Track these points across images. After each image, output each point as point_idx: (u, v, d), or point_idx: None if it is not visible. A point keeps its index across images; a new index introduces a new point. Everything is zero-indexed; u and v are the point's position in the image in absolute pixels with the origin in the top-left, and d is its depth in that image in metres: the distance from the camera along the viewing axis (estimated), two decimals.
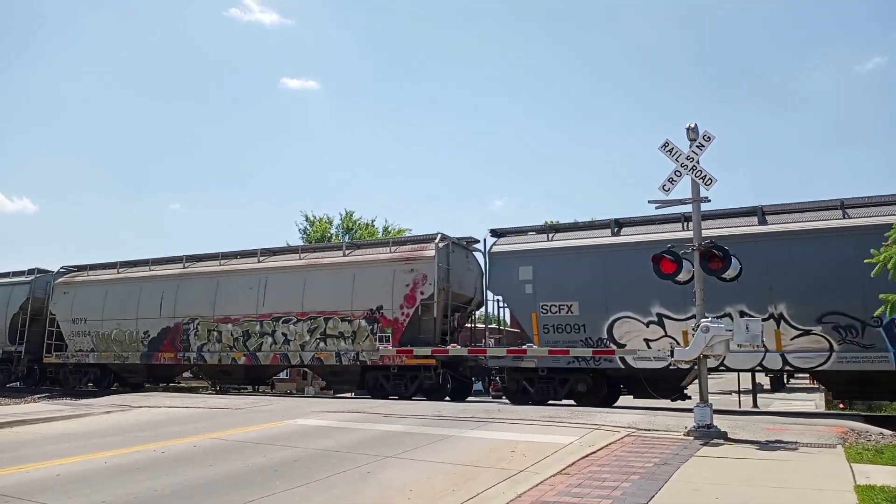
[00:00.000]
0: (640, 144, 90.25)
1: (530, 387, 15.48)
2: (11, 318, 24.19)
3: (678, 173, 9.78)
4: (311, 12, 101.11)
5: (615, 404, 15.39)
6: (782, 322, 13.28)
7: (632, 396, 15.53)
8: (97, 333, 22.30)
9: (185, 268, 21.72)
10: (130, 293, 21.97)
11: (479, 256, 18.69)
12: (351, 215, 40.13)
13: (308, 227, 39.61)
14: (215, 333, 19.94)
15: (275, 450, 8.31)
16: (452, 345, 16.92)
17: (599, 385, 15.15)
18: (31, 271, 25.17)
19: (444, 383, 17.10)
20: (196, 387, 26.74)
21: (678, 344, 13.48)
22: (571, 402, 15.14)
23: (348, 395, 20.66)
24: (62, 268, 24.89)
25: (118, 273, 22.98)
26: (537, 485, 6.14)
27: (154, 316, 21.23)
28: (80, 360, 22.80)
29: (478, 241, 18.63)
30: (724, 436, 8.87)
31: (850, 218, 13.41)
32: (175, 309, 20.91)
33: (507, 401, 16.44)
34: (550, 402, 15.27)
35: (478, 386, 25.88)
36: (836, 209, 13.76)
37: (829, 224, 13.46)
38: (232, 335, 19.64)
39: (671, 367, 12.29)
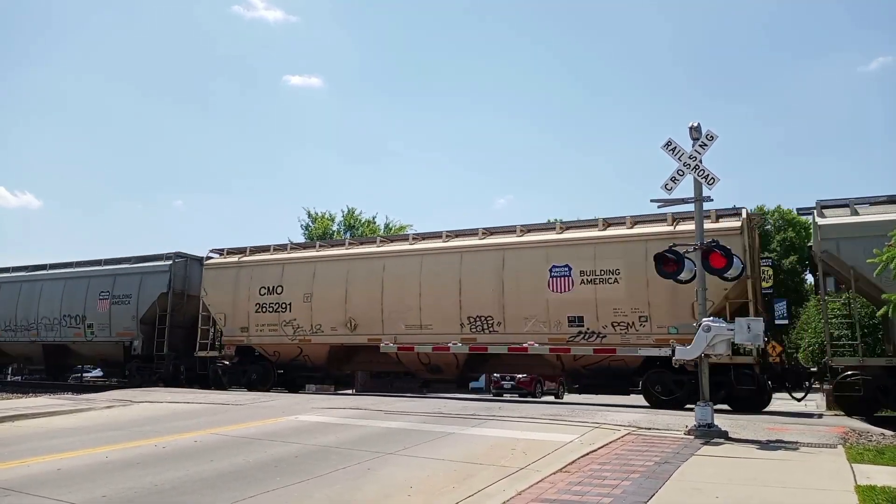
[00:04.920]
0: (645, 143, 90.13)
1: None
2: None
3: (681, 172, 9.78)
4: (316, 10, 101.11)
5: (615, 403, 15.39)
6: None
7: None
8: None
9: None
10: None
11: None
12: (353, 212, 40.19)
13: (310, 223, 39.67)
14: None
15: (276, 446, 8.32)
16: None
17: None
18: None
19: None
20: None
21: None
22: None
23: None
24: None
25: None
26: (537, 482, 6.14)
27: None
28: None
29: None
30: (724, 435, 8.88)
31: None
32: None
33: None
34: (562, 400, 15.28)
35: (477, 384, 25.59)
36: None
37: None
38: None
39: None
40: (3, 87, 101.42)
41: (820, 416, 14.61)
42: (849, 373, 13.59)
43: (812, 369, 15.49)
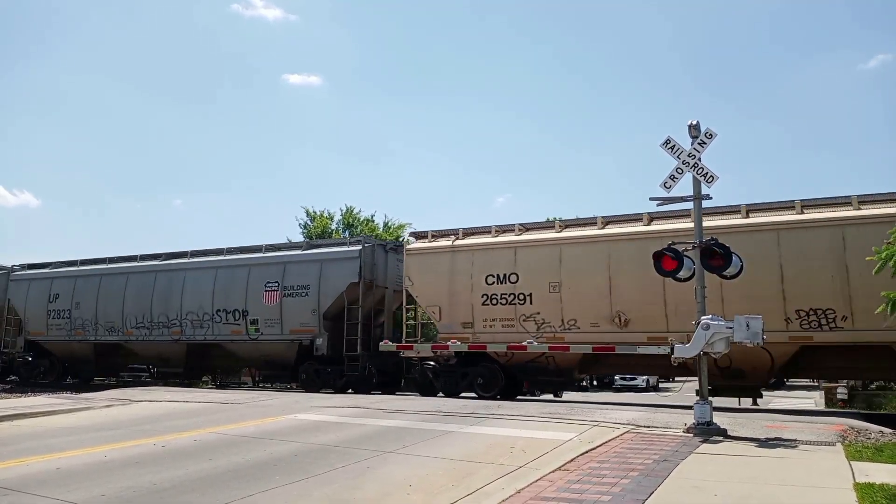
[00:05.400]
0: (645, 142, 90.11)
1: None
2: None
3: (680, 170, 9.78)
4: (316, 8, 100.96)
5: (615, 401, 15.40)
6: None
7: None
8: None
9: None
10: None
11: None
12: (352, 211, 40.14)
13: (309, 222, 39.62)
14: None
15: (274, 444, 8.32)
16: None
17: None
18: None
19: None
20: None
21: None
22: None
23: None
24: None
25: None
26: (536, 481, 6.14)
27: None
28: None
29: None
30: (723, 433, 8.89)
31: None
32: None
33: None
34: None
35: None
36: None
37: None
38: None
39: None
40: (2, 85, 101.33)
41: (819, 413, 14.63)
42: None
43: None
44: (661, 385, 31.65)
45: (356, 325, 18.00)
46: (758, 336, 8.96)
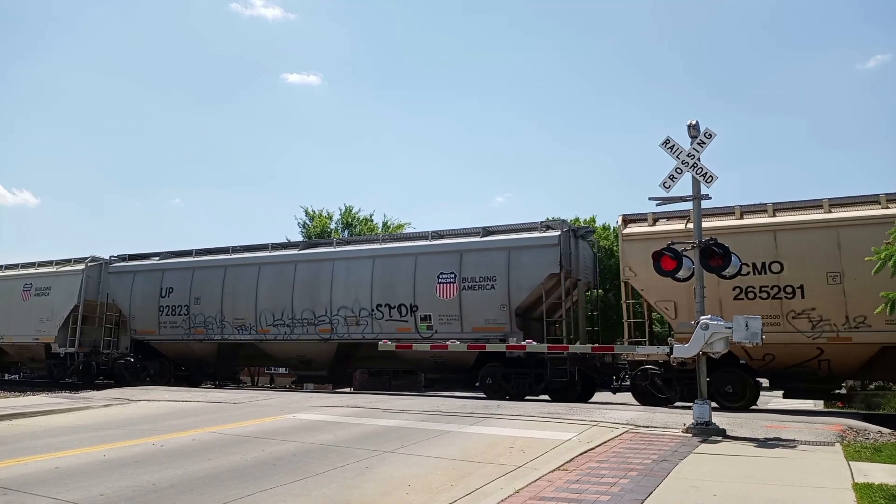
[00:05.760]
0: (642, 143, 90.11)
1: None
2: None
3: (679, 170, 9.78)
4: (315, 7, 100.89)
5: (615, 402, 15.39)
6: None
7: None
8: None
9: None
10: None
11: None
12: (350, 210, 40.11)
13: (308, 221, 39.60)
14: None
15: (273, 444, 8.32)
16: None
17: None
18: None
19: None
20: None
21: None
22: None
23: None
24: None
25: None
26: (535, 480, 6.14)
27: None
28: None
29: None
30: (722, 433, 8.89)
31: None
32: None
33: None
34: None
35: None
36: None
37: None
38: None
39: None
40: (0, 83, 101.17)
41: (818, 413, 14.63)
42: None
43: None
44: None
45: (558, 322, 16.36)
46: (757, 336, 8.97)
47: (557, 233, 16.00)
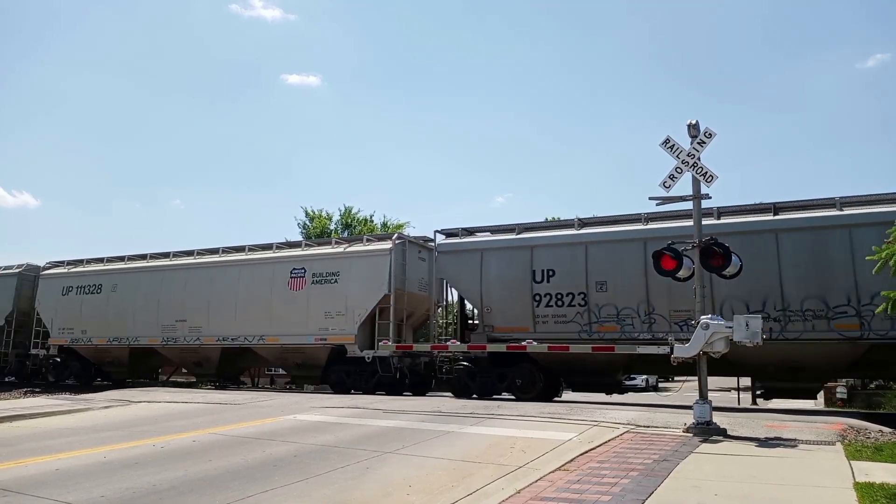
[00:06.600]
0: (642, 143, 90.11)
1: None
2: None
3: (679, 170, 9.77)
4: (315, 8, 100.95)
5: (615, 401, 15.38)
6: None
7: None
8: None
9: None
10: None
11: None
12: (350, 210, 40.11)
13: (307, 222, 39.60)
14: None
15: (274, 445, 8.31)
16: None
17: None
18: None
19: None
20: None
21: None
22: None
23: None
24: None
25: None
26: (536, 481, 6.13)
27: None
28: None
29: None
30: (723, 433, 8.88)
31: None
32: None
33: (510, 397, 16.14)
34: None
35: None
36: None
37: None
38: None
39: None
40: (0, 85, 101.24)
41: (818, 412, 14.63)
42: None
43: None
44: (660, 385, 31.67)
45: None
46: (757, 336, 8.95)
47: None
